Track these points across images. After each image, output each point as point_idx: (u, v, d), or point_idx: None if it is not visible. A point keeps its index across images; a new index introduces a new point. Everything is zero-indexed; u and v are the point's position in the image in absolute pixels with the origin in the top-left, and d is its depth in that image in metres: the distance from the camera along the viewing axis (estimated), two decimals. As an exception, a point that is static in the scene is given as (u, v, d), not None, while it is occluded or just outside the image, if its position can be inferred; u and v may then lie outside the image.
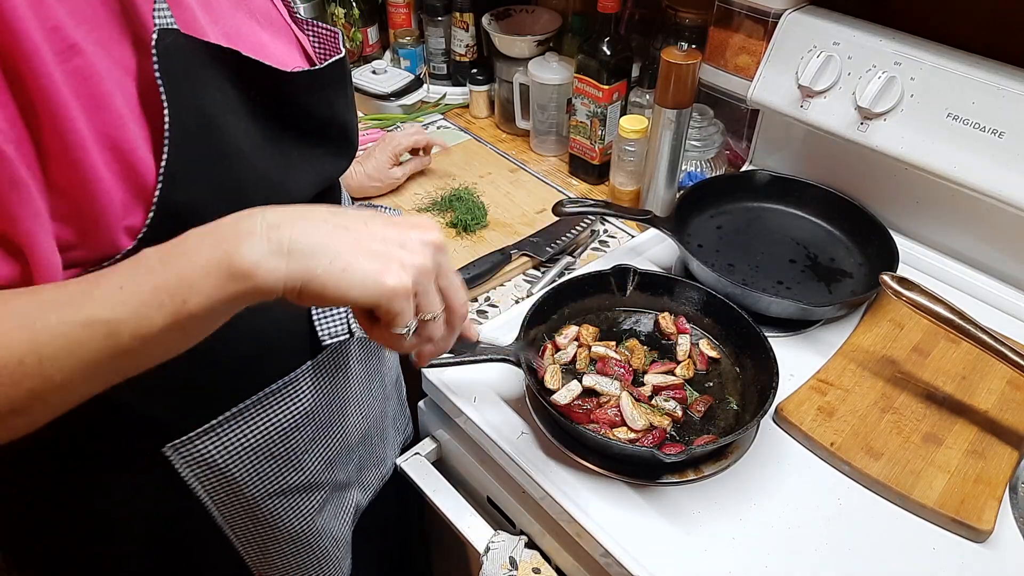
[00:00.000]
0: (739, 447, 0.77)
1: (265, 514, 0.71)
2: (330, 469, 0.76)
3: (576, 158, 1.29)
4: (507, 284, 1.07)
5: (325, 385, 0.71)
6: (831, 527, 0.72)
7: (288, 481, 0.71)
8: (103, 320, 0.44)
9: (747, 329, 0.85)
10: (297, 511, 0.73)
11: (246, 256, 0.45)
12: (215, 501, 0.67)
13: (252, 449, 0.66)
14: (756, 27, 1.08)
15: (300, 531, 0.75)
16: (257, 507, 0.70)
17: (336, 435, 0.75)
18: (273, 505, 0.71)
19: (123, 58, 0.50)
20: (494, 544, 0.81)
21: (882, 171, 1.02)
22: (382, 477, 0.90)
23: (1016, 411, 0.81)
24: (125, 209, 0.50)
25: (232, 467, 0.66)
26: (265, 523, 0.71)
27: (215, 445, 0.64)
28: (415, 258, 0.49)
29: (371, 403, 0.81)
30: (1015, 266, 0.96)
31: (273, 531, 0.73)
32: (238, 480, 0.67)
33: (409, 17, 1.52)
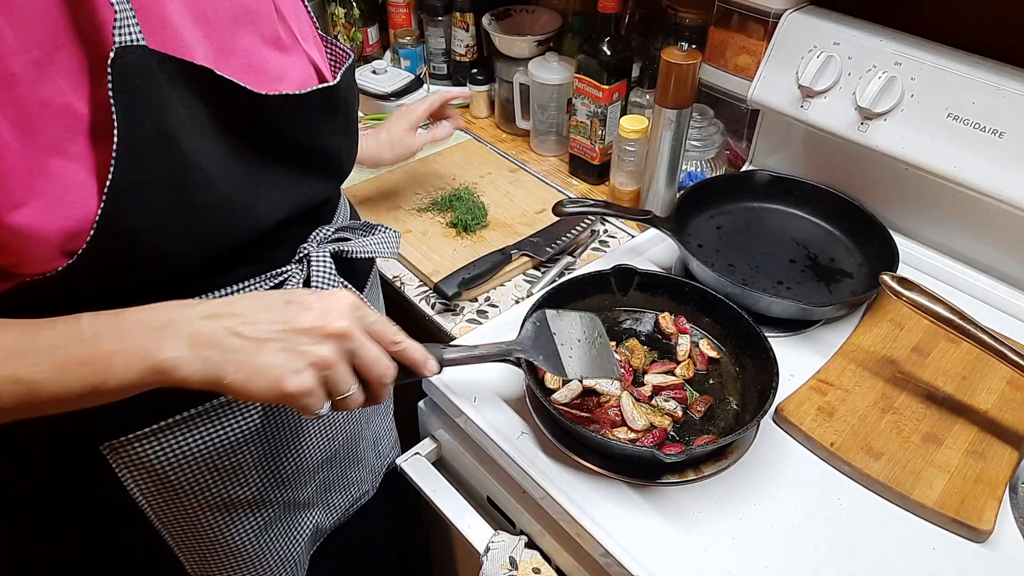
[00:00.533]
0: (739, 447, 0.77)
1: (205, 525, 0.69)
2: (281, 488, 0.74)
3: (576, 158, 1.29)
4: (507, 284, 1.07)
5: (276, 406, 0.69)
6: (831, 527, 0.72)
7: (231, 495, 0.69)
8: (28, 380, 0.49)
9: (747, 329, 0.85)
10: (239, 526, 0.72)
11: (167, 357, 0.50)
12: (152, 506, 0.66)
13: (195, 459, 0.65)
14: (756, 27, 1.08)
15: (242, 546, 0.73)
16: (196, 517, 0.68)
17: (290, 455, 0.73)
18: (213, 518, 0.69)
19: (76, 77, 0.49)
20: (494, 544, 0.81)
21: (882, 171, 1.02)
22: (353, 500, 0.89)
23: (1016, 411, 0.81)
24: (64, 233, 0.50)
25: (172, 474, 0.64)
26: (205, 534, 0.70)
27: (155, 450, 0.63)
28: (318, 352, 0.52)
29: (338, 426, 0.79)
30: (1015, 266, 0.96)
31: (213, 543, 0.71)
32: (177, 488, 0.65)
33: (409, 17, 1.52)
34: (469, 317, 1.01)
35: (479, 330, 0.94)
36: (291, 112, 0.61)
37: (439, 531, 1.03)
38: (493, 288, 1.06)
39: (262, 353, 0.51)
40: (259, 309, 0.53)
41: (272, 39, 0.63)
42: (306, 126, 0.63)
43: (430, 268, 1.07)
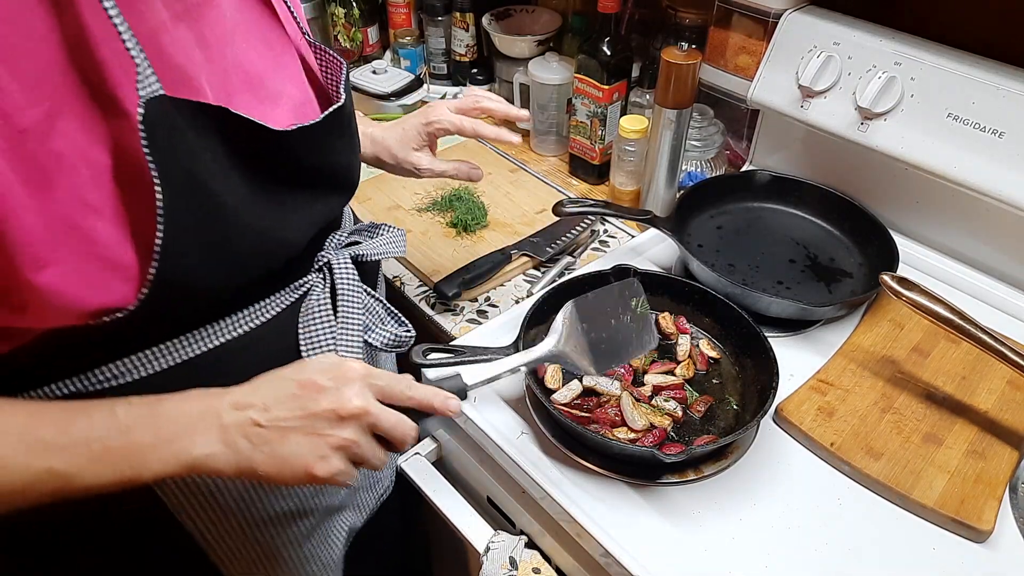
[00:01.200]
0: (739, 447, 0.77)
1: (251, 541, 0.70)
2: (319, 496, 0.75)
3: (576, 158, 1.29)
4: (507, 284, 1.07)
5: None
6: (831, 527, 0.72)
7: (275, 508, 0.70)
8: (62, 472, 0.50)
9: (747, 329, 0.85)
10: (284, 537, 0.73)
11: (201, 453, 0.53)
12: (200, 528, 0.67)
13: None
14: (756, 27, 1.08)
15: (288, 557, 0.74)
16: (244, 534, 0.69)
17: None
18: (260, 533, 0.70)
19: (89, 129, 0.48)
20: (494, 544, 0.81)
21: (882, 171, 1.02)
22: (378, 497, 0.90)
23: (1016, 411, 0.81)
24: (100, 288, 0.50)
25: (219, 495, 0.66)
26: (252, 549, 0.71)
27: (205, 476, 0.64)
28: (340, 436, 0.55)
29: None
30: (1015, 266, 0.96)
31: (259, 557, 0.72)
32: (224, 508, 0.67)
33: (409, 17, 1.52)
34: (469, 317, 1.01)
35: (479, 330, 0.94)
36: (307, 141, 0.61)
37: (439, 531, 1.03)
38: (493, 288, 1.06)
39: (287, 443, 0.54)
40: (279, 397, 0.55)
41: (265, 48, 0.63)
42: (321, 150, 0.63)
43: (430, 268, 1.07)
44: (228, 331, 0.61)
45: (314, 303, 0.66)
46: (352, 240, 0.73)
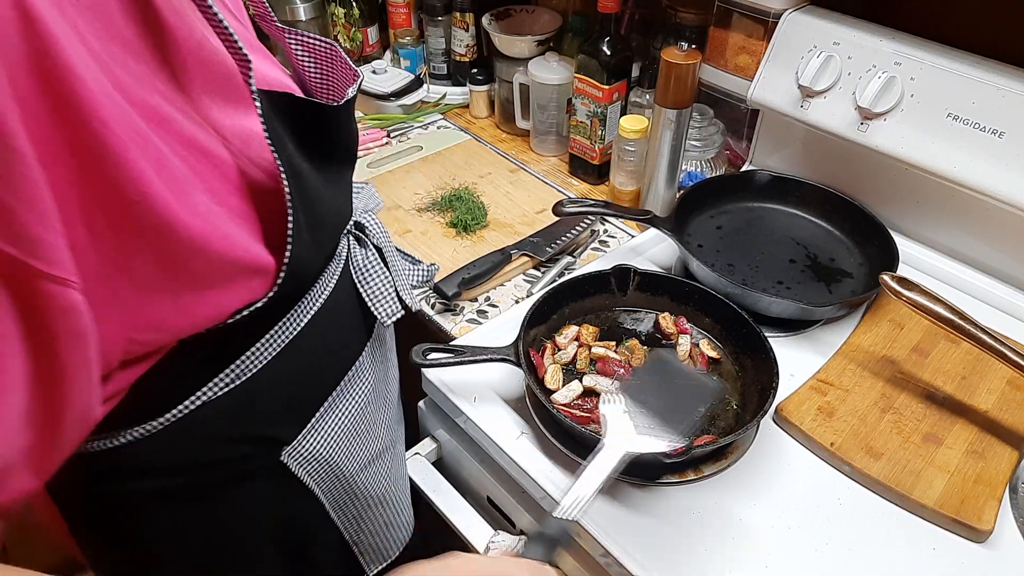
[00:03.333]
0: (739, 447, 0.77)
1: (360, 487, 0.76)
2: (391, 430, 0.81)
3: (576, 158, 1.29)
4: (507, 284, 1.07)
5: (378, 360, 0.76)
6: (831, 527, 0.72)
7: (370, 450, 0.76)
8: None
9: (747, 329, 0.85)
10: (380, 475, 0.79)
11: None
12: (322, 489, 0.72)
13: (344, 433, 0.71)
14: (756, 27, 1.08)
15: (384, 492, 0.80)
16: (354, 482, 0.75)
17: (388, 400, 0.81)
18: (364, 476, 0.76)
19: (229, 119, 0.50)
20: (494, 544, 0.81)
21: (882, 171, 1.02)
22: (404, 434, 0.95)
23: (1016, 411, 0.81)
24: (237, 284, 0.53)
25: (333, 453, 0.70)
26: (360, 495, 0.76)
27: (318, 439, 0.68)
28: None
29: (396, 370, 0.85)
30: (1015, 266, 0.96)
31: (366, 499, 0.78)
32: (338, 463, 0.72)
33: (409, 17, 1.52)
34: (469, 317, 1.01)
35: (479, 330, 0.94)
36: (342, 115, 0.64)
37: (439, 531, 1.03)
38: (493, 288, 1.06)
39: None
40: None
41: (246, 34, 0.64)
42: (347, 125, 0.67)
43: (430, 268, 1.07)
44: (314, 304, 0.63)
45: (362, 261, 0.70)
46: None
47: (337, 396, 0.69)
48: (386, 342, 0.79)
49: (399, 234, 1.14)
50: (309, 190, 0.56)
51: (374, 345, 0.74)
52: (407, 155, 1.32)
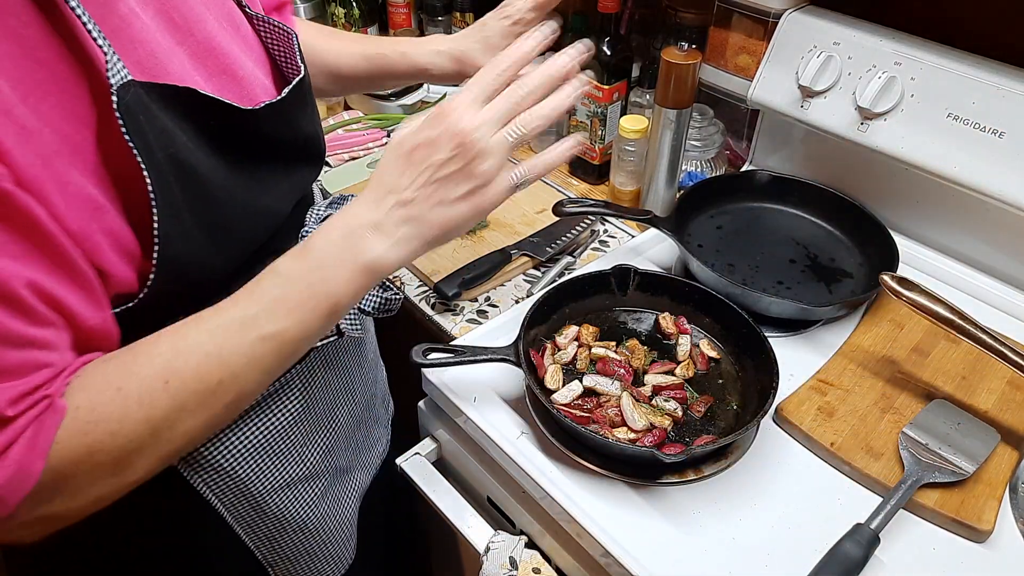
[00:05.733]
0: (739, 447, 0.77)
1: (271, 508, 0.73)
2: (329, 457, 0.78)
3: (576, 158, 1.29)
4: (507, 284, 1.07)
5: (317, 380, 0.74)
6: (831, 527, 0.72)
7: (290, 474, 0.73)
8: (273, 333, 0.53)
9: (747, 329, 0.85)
10: (301, 500, 0.75)
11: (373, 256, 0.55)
12: (224, 503, 0.69)
13: (255, 449, 0.69)
14: (756, 27, 1.08)
15: (305, 519, 0.77)
16: (264, 502, 0.72)
17: (332, 425, 0.78)
18: (278, 498, 0.73)
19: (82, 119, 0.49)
20: (494, 544, 0.81)
21: (882, 171, 1.02)
22: (380, 455, 0.92)
23: (1016, 411, 0.81)
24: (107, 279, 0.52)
25: (238, 468, 0.68)
26: (272, 516, 0.73)
27: (221, 452, 0.66)
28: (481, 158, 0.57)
29: (361, 390, 0.84)
30: (1015, 266, 0.96)
31: (280, 522, 0.74)
32: (244, 480, 0.69)
33: (409, 17, 1.52)
34: (469, 317, 1.01)
35: (479, 330, 0.94)
36: (274, 116, 0.62)
37: (439, 531, 1.03)
38: (493, 288, 1.06)
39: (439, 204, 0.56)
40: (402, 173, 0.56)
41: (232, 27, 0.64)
42: (288, 124, 0.65)
43: (430, 268, 1.07)
44: None
45: None
46: (328, 213, 0.75)
47: (250, 411, 0.66)
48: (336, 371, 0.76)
49: (399, 234, 1.14)
50: (208, 187, 0.54)
51: (309, 367, 0.71)
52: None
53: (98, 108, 0.49)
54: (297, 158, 0.67)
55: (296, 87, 0.65)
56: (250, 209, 0.60)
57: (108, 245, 0.50)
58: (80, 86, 0.49)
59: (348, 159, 1.32)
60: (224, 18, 0.63)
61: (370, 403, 0.88)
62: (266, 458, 0.70)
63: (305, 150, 0.68)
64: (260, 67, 0.66)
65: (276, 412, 0.69)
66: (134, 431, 0.50)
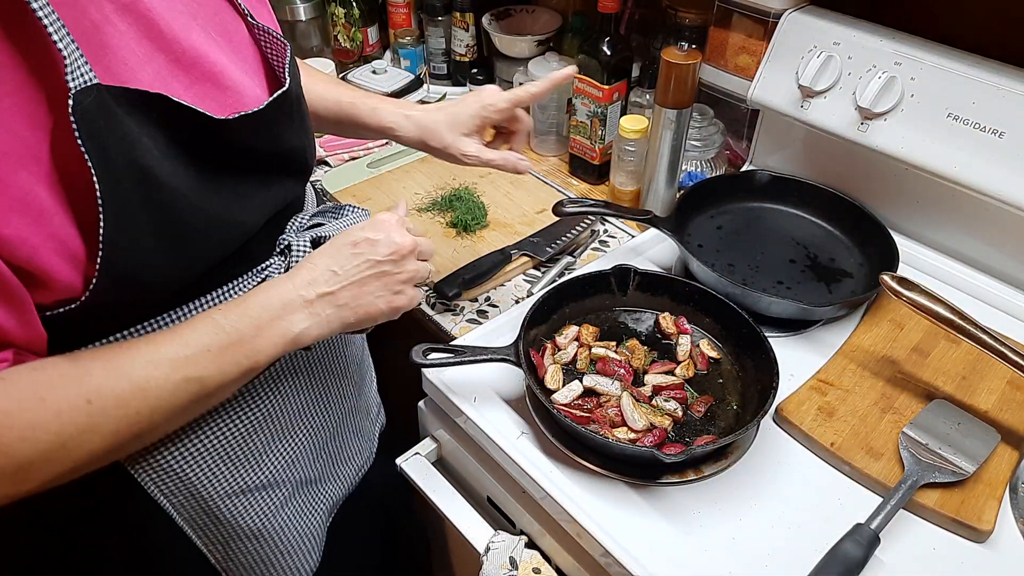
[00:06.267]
0: (739, 447, 0.77)
1: (224, 513, 0.71)
2: (292, 467, 0.77)
3: (576, 158, 1.29)
4: (507, 284, 1.07)
5: (284, 388, 0.73)
6: (831, 527, 0.72)
7: (246, 481, 0.72)
8: (197, 377, 0.57)
9: (747, 329, 0.85)
10: (257, 509, 0.74)
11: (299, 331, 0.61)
12: (175, 506, 0.68)
13: (210, 453, 0.68)
14: (756, 27, 1.08)
15: (261, 528, 0.75)
16: (216, 507, 0.71)
17: (298, 435, 0.76)
18: (231, 504, 0.72)
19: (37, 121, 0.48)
20: (494, 544, 0.81)
21: (882, 171, 1.02)
22: (359, 469, 0.90)
23: (1016, 411, 0.81)
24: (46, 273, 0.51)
25: (189, 471, 0.67)
26: (225, 522, 0.72)
27: (172, 454, 0.65)
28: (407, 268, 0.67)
29: (338, 402, 0.82)
30: (1015, 266, 0.96)
31: (233, 528, 0.73)
32: (195, 483, 0.68)
33: (409, 17, 1.52)
34: (469, 317, 1.01)
35: (479, 330, 0.94)
36: (252, 127, 0.61)
37: (439, 531, 1.03)
38: (493, 288, 1.06)
39: (366, 294, 0.65)
40: (342, 261, 0.64)
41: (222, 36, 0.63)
42: (268, 136, 0.64)
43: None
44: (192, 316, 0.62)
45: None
46: (315, 222, 0.74)
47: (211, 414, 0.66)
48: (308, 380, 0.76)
49: (399, 234, 1.14)
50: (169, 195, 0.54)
51: (276, 375, 0.71)
52: (407, 155, 1.32)
53: (56, 112, 0.49)
54: (278, 170, 0.67)
55: (278, 99, 0.64)
56: (217, 220, 0.60)
57: (52, 249, 0.50)
58: (39, 90, 0.48)
59: (348, 159, 1.32)
60: (215, 27, 0.63)
61: (348, 417, 0.85)
62: (220, 463, 0.69)
63: (287, 162, 0.68)
64: (254, 77, 0.65)
65: (235, 418, 0.69)
66: (44, 441, 0.51)
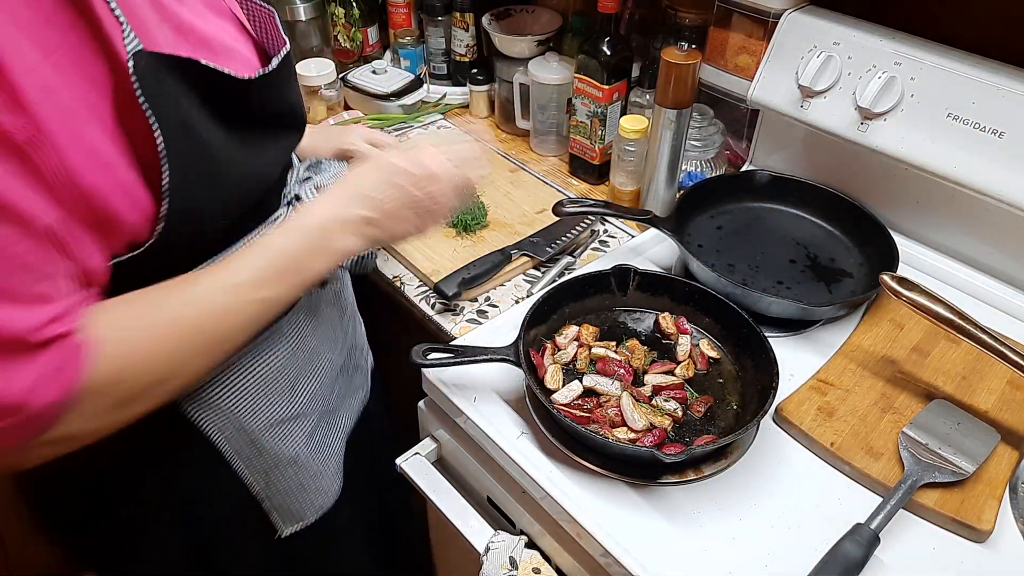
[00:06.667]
0: (739, 447, 0.77)
1: (267, 443, 0.80)
2: (315, 399, 0.85)
3: (576, 158, 1.29)
4: (507, 284, 1.07)
5: (303, 329, 0.81)
6: (831, 527, 0.72)
7: (282, 412, 0.81)
8: (263, 298, 0.64)
9: (747, 329, 0.85)
10: (291, 438, 0.83)
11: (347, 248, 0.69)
12: (227, 440, 0.77)
13: (251, 390, 0.76)
14: (756, 27, 1.08)
15: (296, 455, 0.84)
16: (260, 438, 0.79)
17: (318, 369, 0.85)
18: (271, 435, 0.80)
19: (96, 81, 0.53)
20: (494, 544, 0.81)
21: (882, 171, 1.02)
22: (362, 401, 0.99)
23: (1016, 411, 0.81)
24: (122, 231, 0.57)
25: (236, 407, 0.76)
26: (266, 452, 0.80)
27: (221, 393, 0.74)
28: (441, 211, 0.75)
29: (341, 340, 0.91)
30: (1015, 266, 0.96)
31: (273, 458, 0.81)
32: (242, 418, 0.76)
33: (409, 17, 1.52)
34: (469, 317, 1.01)
35: (479, 330, 0.94)
36: (266, 86, 0.68)
37: (439, 531, 1.03)
38: (493, 288, 1.06)
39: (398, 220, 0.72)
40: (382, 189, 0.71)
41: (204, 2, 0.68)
42: (277, 94, 0.72)
43: (430, 268, 1.07)
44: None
45: None
46: (307, 176, 0.82)
47: (247, 355, 0.74)
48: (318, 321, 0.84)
49: (399, 234, 1.14)
50: (210, 149, 0.61)
51: (300, 313, 0.80)
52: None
53: (113, 72, 0.53)
54: (284, 125, 0.74)
55: (284, 59, 0.71)
56: (245, 171, 0.67)
57: (120, 197, 0.55)
58: (95, 51, 0.53)
59: (348, 159, 1.32)
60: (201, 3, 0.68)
61: (351, 352, 0.94)
62: (260, 398, 0.77)
63: (290, 118, 0.76)
64: (241, 43, 0.71)
65: (268, 357, 0.77)
66: (156, 366, 0.58)
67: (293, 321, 0.79)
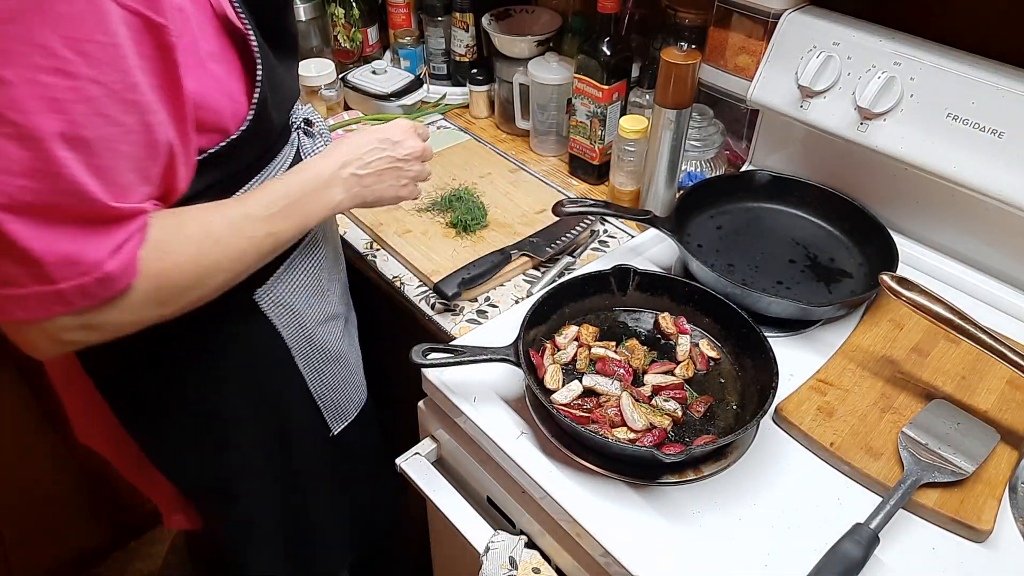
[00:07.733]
0: (739, 447, 0.77)
1: (318, 339, 0.92)
2: (341, 300, 0.98)
3: (576, 158, 1.29)
4: (507, 284, 1.07)
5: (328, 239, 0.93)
6: (831, 527, 0.72)
7: (325, 311, 0.93)
8: (274, 232, 0.74)
9: (747, 329, 0.85)
10: (334, 334, 0.95)
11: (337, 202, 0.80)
12: (289, 334, 0.87)
13: (303, 287, 0.88)
14: (756, 27, 1.08)
15: (339, 350, 0.96)
16: (313, 333, 0.91)
17: (339, 275, 0.98)
18: (322, 330, 0.92)
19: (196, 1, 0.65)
20: (494, 544, 0.81)
21: (882, 171, 1.02)
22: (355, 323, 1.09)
23: (1016, 411, 0.81)
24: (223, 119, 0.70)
25: (296, 301, 0.87)
26: (319, 347, 0.92)
27: (284, 286, 0.85)
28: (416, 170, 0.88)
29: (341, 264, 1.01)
30: (1015, 266, 0.96)
31: (324, 353, 0.93)
32: (300, 311, 0.88)
33: (409, 17, 1.52)
34: (469, 317, 1.01)
35: (479, 330, 0.94)
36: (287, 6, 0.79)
37: (439, 531, 1.03)
38: (493, 288, 1.06)
39: (381, 182, 0.85)
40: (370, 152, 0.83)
41: None
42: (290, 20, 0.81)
43: (430, 268, 1.07)
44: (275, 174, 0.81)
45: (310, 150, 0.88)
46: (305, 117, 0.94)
47: (297, 255, 0.86)
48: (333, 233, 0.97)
49: (399, 234, 1.14)
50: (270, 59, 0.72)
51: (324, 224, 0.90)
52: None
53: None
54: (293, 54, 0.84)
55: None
56: (287, 84, 0.79)
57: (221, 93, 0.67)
58: None
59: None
60: None
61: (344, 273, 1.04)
62: (311, 294, 0.89)
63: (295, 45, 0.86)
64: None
65: (311, 258, 0.88)
66: (191, 270, 0.67)
67: (324, 225, 0.90)
